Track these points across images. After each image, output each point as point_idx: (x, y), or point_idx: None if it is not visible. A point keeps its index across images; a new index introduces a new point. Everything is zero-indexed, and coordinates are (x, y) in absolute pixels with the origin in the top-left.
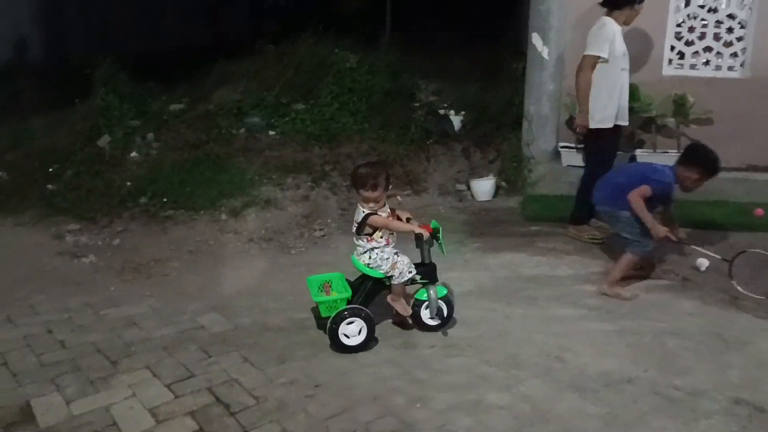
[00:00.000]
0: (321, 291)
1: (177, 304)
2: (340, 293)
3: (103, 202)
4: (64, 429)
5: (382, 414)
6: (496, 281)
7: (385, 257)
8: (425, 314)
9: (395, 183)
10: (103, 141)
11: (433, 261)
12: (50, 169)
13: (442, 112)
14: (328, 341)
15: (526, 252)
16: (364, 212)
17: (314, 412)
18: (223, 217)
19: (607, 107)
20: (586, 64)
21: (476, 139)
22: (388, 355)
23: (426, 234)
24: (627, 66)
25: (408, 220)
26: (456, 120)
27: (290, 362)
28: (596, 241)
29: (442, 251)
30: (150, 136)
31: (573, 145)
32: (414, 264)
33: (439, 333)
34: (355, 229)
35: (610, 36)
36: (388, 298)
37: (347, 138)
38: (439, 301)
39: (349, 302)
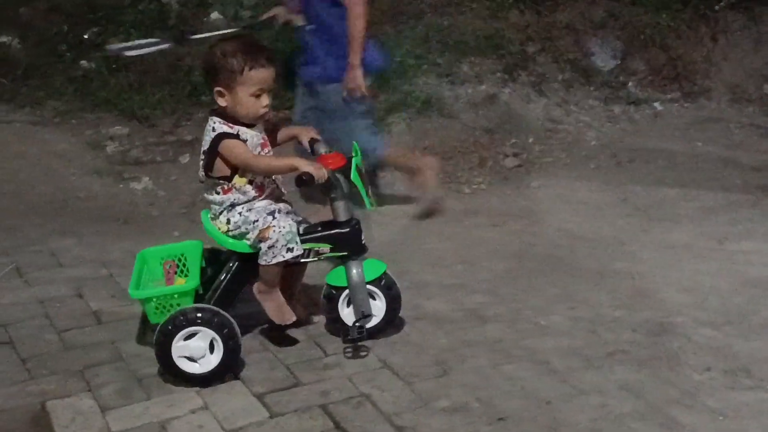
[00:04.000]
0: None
1: None
2: (188, 281)
3: (166, 92)
4: None
5: None
6: None
7: (251, 218)
8: (347, 311)
9: (650, 79)
10: None
11: (357, 218)
12: (85, 36)
13: None
14: (509, 342)
15: None
16: (214, 131)
17: None
18: None
19: None
20: None
21: None
22: (624, 376)
23: (321, 173)
24: None
25: (312, 144)
26: None
27: (455, 373)
28: None
29: (366, 200)
30: None
31: None
32: (323, 222)
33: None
34: (202, 166)
35: None
36: (255, 290)
37: None
38: (370, 287)
39: (196, 298)
